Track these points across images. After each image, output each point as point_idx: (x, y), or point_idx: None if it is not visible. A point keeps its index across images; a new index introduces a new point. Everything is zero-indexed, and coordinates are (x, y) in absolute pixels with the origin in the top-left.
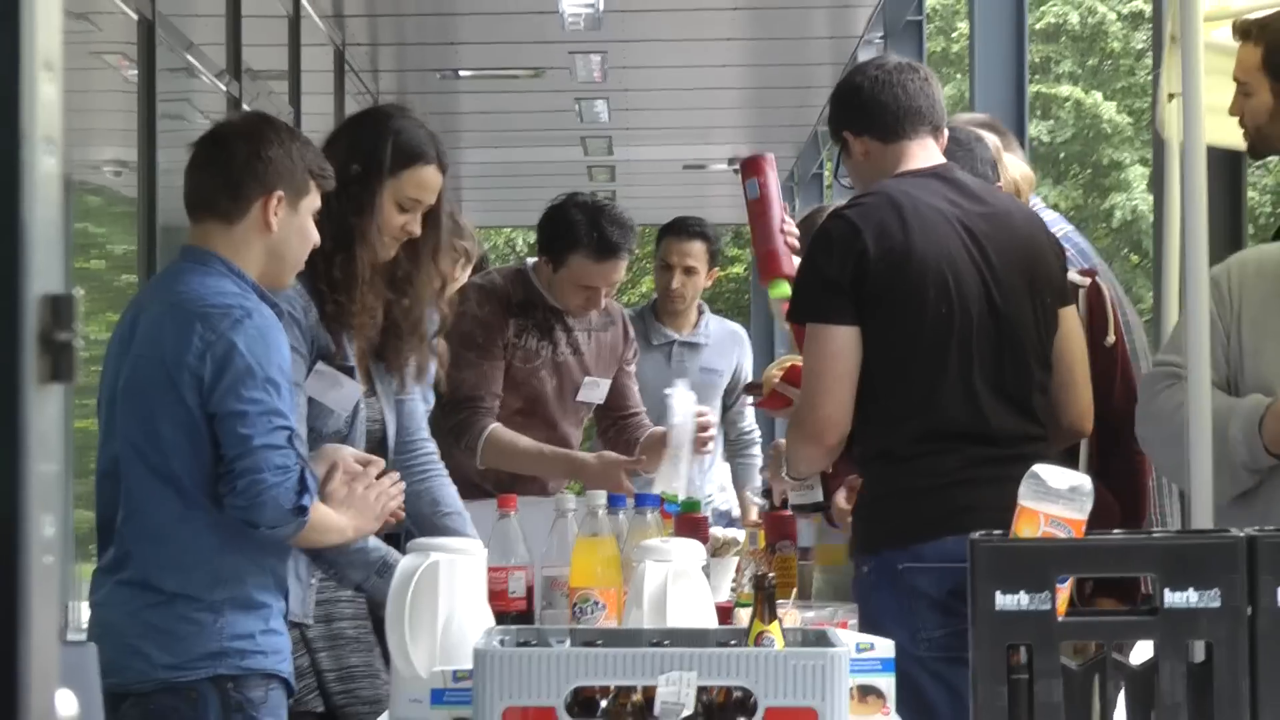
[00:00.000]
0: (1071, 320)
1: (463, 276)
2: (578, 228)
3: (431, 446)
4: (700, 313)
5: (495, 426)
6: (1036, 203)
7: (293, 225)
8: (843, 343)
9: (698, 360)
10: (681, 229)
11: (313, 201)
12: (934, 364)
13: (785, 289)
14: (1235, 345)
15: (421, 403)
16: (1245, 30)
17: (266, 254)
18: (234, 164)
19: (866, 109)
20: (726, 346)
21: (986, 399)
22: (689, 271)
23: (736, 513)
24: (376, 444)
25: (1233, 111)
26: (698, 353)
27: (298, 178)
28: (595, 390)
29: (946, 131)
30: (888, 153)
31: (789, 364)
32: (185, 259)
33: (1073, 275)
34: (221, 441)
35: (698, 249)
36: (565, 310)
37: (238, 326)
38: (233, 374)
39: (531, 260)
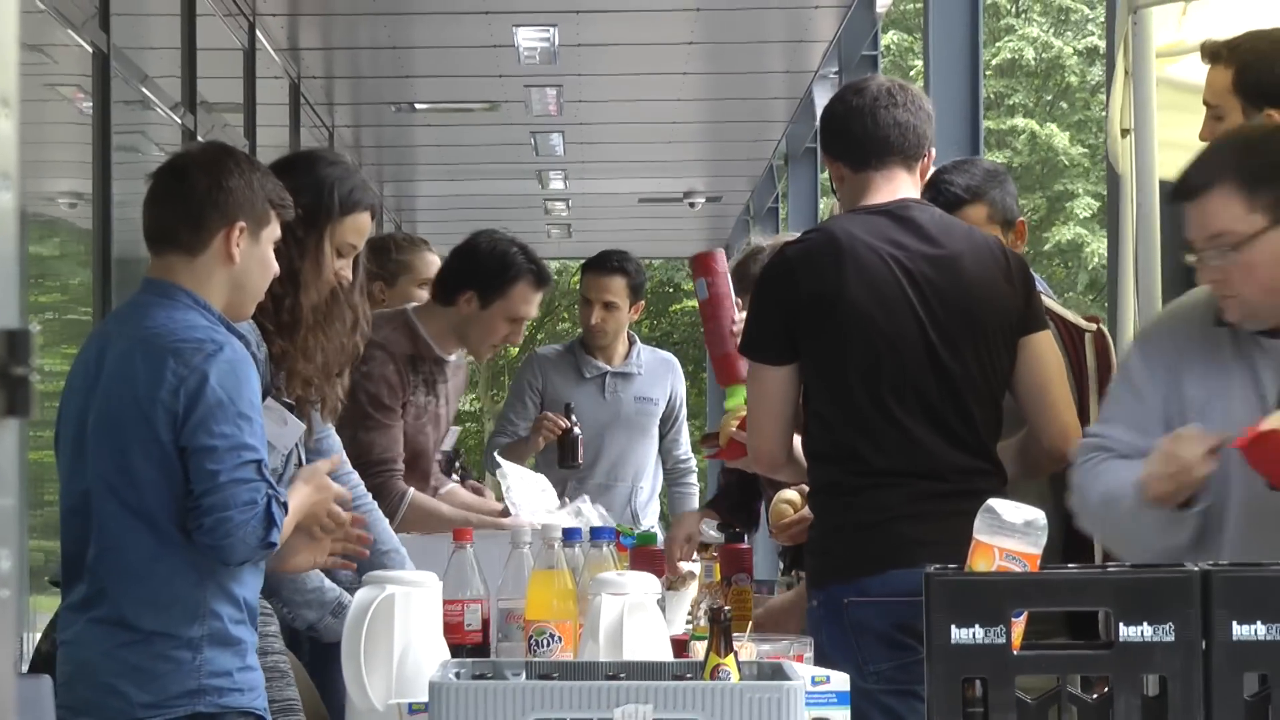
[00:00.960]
0: (1041, 344)
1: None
2: (516, 257)
3: (357, 478)
4: (631, 343)
5: (415, 492)
6: None
7: (254, 256)
8: (772, 383)
9: (631, 390)
10: (602, 264)
11: (273, 231)
12: (866, 406)
13: (743, 396)
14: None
15: (338, 436)
16: (1214, 53)
17: (230, 285)
18: (195, 195)
19: (838, 136)
20: (659, 375)
21: (928, 440)
22: (609, 307)
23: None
24: None
25: (1203, 136)
26: (630, 382)
27: (258, 208)
28: (451, 438)
29: (931, 154)
30: (856, 181)
31: (744, 414)
32: (149, 292)
33: (1078, 320)
34: (190, 476)
35: (618, 284)
36: (474, 353)
37: (210, 361)
38: (204, 408)
39: (414, 305)
